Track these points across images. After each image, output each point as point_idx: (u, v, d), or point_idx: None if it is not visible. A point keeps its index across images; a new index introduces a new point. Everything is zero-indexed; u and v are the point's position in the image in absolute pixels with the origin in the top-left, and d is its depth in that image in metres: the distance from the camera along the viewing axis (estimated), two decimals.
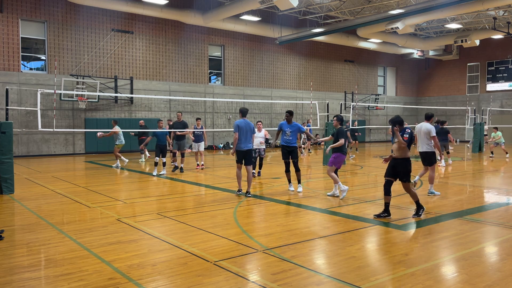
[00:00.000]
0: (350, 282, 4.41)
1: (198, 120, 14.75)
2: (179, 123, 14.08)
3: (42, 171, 14.53)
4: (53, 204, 8.71)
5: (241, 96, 27.48)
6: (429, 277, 4.57)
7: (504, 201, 9.08)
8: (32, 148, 20.66)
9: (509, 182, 12.06)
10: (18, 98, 20.02)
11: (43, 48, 21.26)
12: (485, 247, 5.78)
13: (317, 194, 9.89)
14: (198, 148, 14.65)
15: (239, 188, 9.65)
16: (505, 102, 33.22)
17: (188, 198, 9.57)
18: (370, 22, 23.80)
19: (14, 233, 6.44)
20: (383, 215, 7.24)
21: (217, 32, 26.33)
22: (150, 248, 5.61)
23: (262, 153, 12.85)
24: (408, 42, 31.39)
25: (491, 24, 28.25)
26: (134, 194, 9.96)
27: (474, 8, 22.08)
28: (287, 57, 30.19)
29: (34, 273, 4.71)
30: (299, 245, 5.71)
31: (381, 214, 7.26)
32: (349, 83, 33.92)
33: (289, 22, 27.43)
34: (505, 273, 4.72)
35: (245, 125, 9.29)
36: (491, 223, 7.03)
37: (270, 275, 4.60)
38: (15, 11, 20.09)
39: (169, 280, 4.50)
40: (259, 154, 12.77)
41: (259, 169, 13.09)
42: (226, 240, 5.97)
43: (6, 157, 9.71)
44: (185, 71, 25.49)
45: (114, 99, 22.97)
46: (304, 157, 20.24)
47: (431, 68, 38.34)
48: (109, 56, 22.71)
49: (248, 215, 7.58)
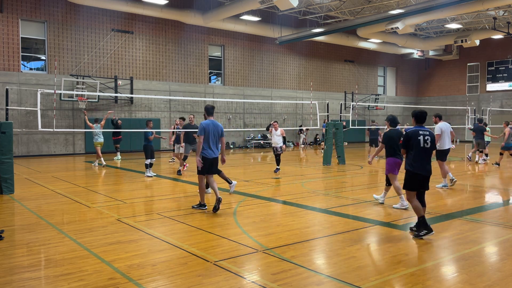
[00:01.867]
0: (350, 282, 4.41)
1: (180, 120, 14.39)
2: (192, 126, 13.50)
3: (42, 171, 14.53)
4: (53, 204, 8.71)
5: (241, 96, 27.48)
6: (429, 277, 4.57)
7: (504, 201, 9.08)
8: (32, 148, 20.66)
9: (509, 182, 12.06)
10: (18, 98, 20.02)
11: (43, 48, 21.26)
12: (485, 247, 5.77)
13: (317, 194, 9.89)
14: (180, 149, 14.28)
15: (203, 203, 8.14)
16: (505, 102, 33.22)
17: (188, 198, 9.55)
18: (370, 22, 23.81)
19: (14, 233, 6.44)
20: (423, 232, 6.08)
21: (217, 32, 26.33)
22: (150, 248, 5.60)
23: (279, 151, 13.61)
24: (408, 42, 31.39)
25: (491, 24, 28.25)
26: (134, 194, 9.96)
27: (474, 8, 22.09)
28: (287, 57, 30.18)
29: (34, 273, 4.71)
30: (299, 245, 5.71)
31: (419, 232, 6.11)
32: (349, 83, 33.92)
33: (289, 22, 27.43)
34: (505, 273, 4.72)
35: (212, 127, 7.82)
36: (491, 223, 7.02)
37: (270, 275, 4.60)
38: (15, 11, 20.09)
39: (169, 280, 4.50)
40: (276, 151, 13.64)
41: (278, 166, 13.76)
42: (226, 240, 5.97)
43: (6, 157, 9.71)
44: (185, 71, 25.48)
45: (114, 99, 22.97)
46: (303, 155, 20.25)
47: (431, 68, 38.34)
48: (109, 56, 22.71)
49: (248, 215, 7.58)
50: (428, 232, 5.99)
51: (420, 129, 6.25)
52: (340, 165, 16.07)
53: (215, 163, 7.93)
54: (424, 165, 6.16)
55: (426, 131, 6.23)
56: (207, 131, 7.71)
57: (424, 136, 6.17)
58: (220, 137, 7.94)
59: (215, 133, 7.81)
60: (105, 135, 17.13)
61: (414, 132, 6.22)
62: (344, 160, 16.42)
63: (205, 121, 7.85)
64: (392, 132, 8.10)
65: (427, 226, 6.01)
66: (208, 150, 7.75)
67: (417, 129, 6.26)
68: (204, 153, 7.74)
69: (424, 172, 6.17)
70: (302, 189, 10.53)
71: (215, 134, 7.81)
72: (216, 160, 7.93)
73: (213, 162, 7.85)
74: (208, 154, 7.75)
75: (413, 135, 6.20)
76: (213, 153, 7.80)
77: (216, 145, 7.89)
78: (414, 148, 6.18)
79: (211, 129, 7.75)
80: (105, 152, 20.55)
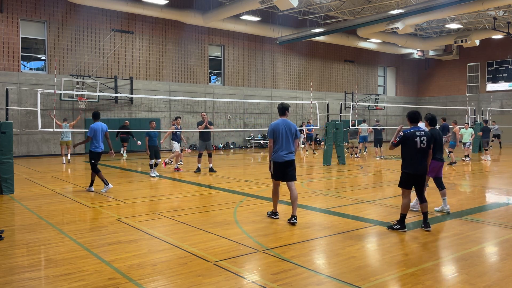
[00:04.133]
0: (350, 282, 4.41)
1: (178, 119, 14.28)
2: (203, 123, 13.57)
3: (42, 171, 14.53)
4: (53, 204, 8.71)
5: (241, 96, 27.48)
6: (429, 277, 4.57)
7: (504, 201, 9.08)
8: (32, 148, 20.66)
9: (509, 182, 12.06)
10: (18, 98, 20.02)
11: (43, 48, 21.25)
12: (485, 247, 5.77)
13: (317, 194, 9.89)
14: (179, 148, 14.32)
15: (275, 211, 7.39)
16: (505, 102, 33.21)
17: (188, 198, 9.56)
18: (370, 22, 23.81)
19: (14, 233, 6.44)
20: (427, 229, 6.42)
21: (217, 32, 26.33)
22: (150, 248, 5.60)
23: None
24: (408, 42, 31.39)
25: (491, 24, 28.24)
26: (134, 194, 9.96)
27: (474, 8, 22.09)
28: (287, 57, 30.18)
29: (34, 273, 4.71)
30: (299, 245, 5.71)
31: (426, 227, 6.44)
32: (349, 83, 33.92)
33: (289, 22, 27.43)
34: (505, 273, 4.72)
35: (284, 127, 7.00)
36: (491, 223, 7.03)
37: (270, 275, 4.60)
38: (15, 11, 20.09)
39: (169, 280, 4.50)
40: None
41: None
42: (226, 240, 5.97)
43: (6, 157, 9.71)
44: (185, 71, 25.48)
45: (114, 99, 22.97)
46: (306, 156, 20.26)
47: (431, 68, 38.34)
48: (109, 56, 22.71)
49: (248, 215, 7.58)
50: (400, 228, 6.39)
51: (417, 130, 6.38)
52: (340, 165, 16.07)
53: (291, 166, 7.04)
54: (419, 164, 6.38)
55: (422, 132, 6.39)
56: (276, 132, 6.95)
57: (420, 136, 6.33)
58: (294, 137, 7.10)
59: (287, 133, 6.99)
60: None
61: (411, 133, 6.35)
62: (344, 160, 16.42)
63: (275, 122, 7.10)
64: (434, 132, 7.44)
65: (403, 223, 6.42)
66: (279, 152, 6.95)
67: (414, 130, 6.38)
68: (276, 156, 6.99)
69: (418, 171, 6.39)
70: (302, 189, 10.53)
71: (287, 133, 7.00)
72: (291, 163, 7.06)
73: (286, 166, 7.01)
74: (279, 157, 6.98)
75: (411, 136, 6.33)
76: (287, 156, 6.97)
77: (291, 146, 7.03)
78: (410, 149, 6.34)
79: (282, 129, 6.95)
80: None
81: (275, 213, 7.30)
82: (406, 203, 6.39)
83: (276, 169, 7.03)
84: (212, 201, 9.20)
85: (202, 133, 13.64)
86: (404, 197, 6.45)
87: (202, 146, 13.71)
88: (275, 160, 7.00)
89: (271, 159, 7.05)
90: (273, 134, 6.97)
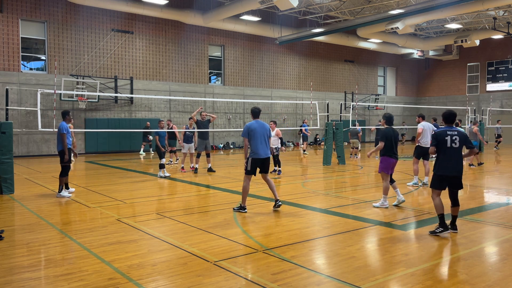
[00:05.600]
0: (350, 282, 4.40)
1: (190, 120, 14.22)
2: (203, 123, 13.61)
3: (42, 171, 14.53)
4: (53, 204, 8.71)
5: (241, 96, 27.48)
6: (429, 277, 4.57)
7: (504, 201, 9.08)
8: (32, 148, 20.66)
9: (509, 182, 12.06)
10: (18, 98, 20.02)
11: (43, 48, 21.26)
12: (485, 247, 5.77)
13: (317, 194, 9.89)
14: (189, 149, 14.28)
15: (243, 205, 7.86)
16: (505, 102, 33.22)
17: (188, 198, 9.56)
18: (370, 22, 23.81)
19: (14, 233, 6.44)
20: None
21: (217, 32, 26.34)
22: (150, 248, 5.60)
23: (275, 152, 13.15)
24: (408, 42, 31.39)
25: (491, 24, 28.25)
26: (134, 194, 9.96)
27: (474, 8, 22.09)
28: (287, 57, 30.18)
29: (34, 273, 4.71)
30: (299, 245, 5.71)
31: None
32: (349, 83, 33.92)
33: (289, 22, 27.43)
34: (505, 273, 4.72)
35: (259, 127, 7.86)
36: (491, 223, 7.02)
37: (270, 275, 4.60)
38: (15, 11, 20.09)
39: (169, 280, 4.50)
40: (272, 152, 13.17)
41: (279, 168, 13.39)
42: (226, 240, 5.97)
43: (6, 157, 9.71)
44: (185, 71, 25.48)
45: (114, 99, 22.97)
46: (305, 156, 20.26)
47: (431, 68, 38.34)
48: (109, 56, 22.71)
49: (248, 215, 7.58)
50: (443, 230, 6.11)
51: (448, 129, 6.23)
52: (340, 165, 16.07)
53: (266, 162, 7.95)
54: (451, 165, 6.13)
55: (455, 131, 6.19)
56: (253, 132, 7.77)
57: (452, 136, 6.14)
58: (269, 137, 7.99)
59: (263, 133, 7.87)
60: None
61: (441, 133, 6.21)
62: (344, 160, 16.42)
63: (250, 122, 7.96)
64: (389, 131, 8.09)
65: (444, 224, 6.14)
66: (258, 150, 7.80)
67: (445, 129, 6.24)
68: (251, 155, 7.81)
69: (449, 172, 6.15)
70: (302, 189, 10.53)
71: (263, 133, 7.87)
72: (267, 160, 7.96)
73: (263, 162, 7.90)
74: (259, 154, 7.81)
75: (440, 135, 6.19)
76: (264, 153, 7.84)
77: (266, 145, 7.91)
78: (441, 148, 6.17)
79: (258, 130, 7.81)
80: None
81: (243, 207, 7.79)
82: (438, 204, 6.20)
83: (253, 164, 7.78)
84: (212, 201, 9.19)
85: (201, 132, 13.65)
86: (434, 198, 6.28)
87: (201, 145, 13.68)
88: (254, 157, 7.77)
89: (249, 156, 7.80)
90: (248, 134, 7.79)
